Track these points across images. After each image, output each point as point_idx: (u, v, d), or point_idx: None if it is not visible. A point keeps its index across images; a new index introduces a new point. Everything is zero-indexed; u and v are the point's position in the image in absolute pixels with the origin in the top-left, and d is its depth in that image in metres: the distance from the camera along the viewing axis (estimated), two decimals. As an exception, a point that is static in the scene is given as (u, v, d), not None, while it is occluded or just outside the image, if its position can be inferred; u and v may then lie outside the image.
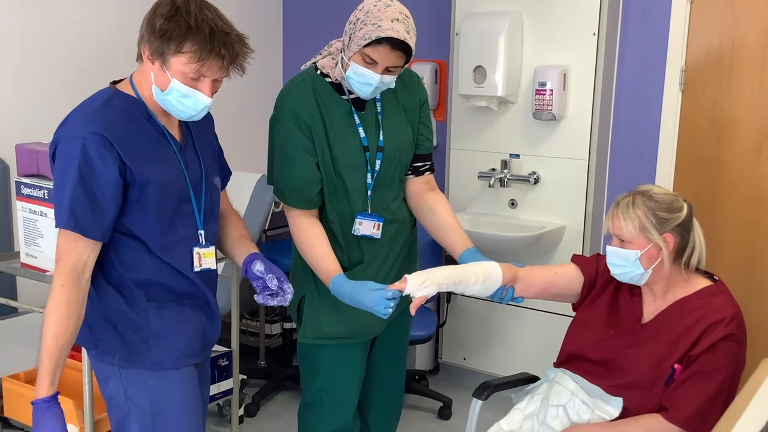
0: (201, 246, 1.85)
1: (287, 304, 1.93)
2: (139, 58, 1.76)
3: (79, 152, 1.66)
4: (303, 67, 2.16)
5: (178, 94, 1.70)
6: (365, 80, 1.98)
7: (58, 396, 1.70)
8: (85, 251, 1.71)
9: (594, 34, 3.23)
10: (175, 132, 1.84)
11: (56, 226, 1.72)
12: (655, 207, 1.90)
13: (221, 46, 1.66)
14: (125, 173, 1.71)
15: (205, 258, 1.86)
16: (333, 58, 2.07)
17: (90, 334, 1.83)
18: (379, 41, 1.92)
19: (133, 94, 1.78)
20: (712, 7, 3.15)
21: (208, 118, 1.94)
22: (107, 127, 1.70)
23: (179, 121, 1.85)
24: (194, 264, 1.84)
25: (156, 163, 1.75)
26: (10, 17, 3.12)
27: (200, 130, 1.91)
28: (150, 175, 1.74)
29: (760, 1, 3.05)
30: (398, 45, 1.93)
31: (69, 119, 1.75)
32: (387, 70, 1.97)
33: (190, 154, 1.85)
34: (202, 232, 1.85)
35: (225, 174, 2.05)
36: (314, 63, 2.13)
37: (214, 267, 1.89)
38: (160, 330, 1.81)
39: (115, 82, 1.82)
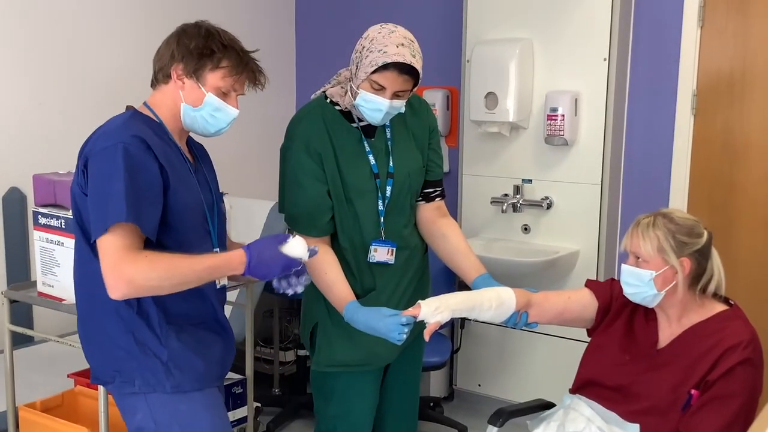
0: None
1: (304, 286, 1.94)
2: (157, 82, 1.83)
3: (122, 155, 1.65)
4: (313, 96, 2.19)
5: (211, 108, 1.80)
6: (375, 106, 2.00)
7: None
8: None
9: (605, 59, 3.25)
10: (188, 156, 1.89)
11: (105, 227, 1.63)
12: (675, 230, 1.89)
13: (251, 63, 1.83)
14: (164, 176, 1.72)
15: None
16: (342, 87, 2.10)
17: (103, 369, 1.83)
18: (385, 67, 1.94)
19: (151, 115, 1.82)
20: (722, 31, 3.16)
21: (207, 155, 2.02)
22: (142, 133, 1.72)
23: (189, 147, 1.92)
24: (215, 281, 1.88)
25: (180, 181, 1.77)
26: (27, 50, 3.18)
27: (205, 162, 1.98)
28: (178, 188, 1.76)
29: (770, 25, 3.07)
30: (405, 69, 1.95)
31: (97, 134, 1.75)
32: (396, 95, 1.99)
33: (201, 178, 1.90)
34: (218, 250, 1.89)
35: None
36: (323, 92, 2.15)
37: (227, 284, 1.95)
38: (180, 353, 1.80)
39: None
